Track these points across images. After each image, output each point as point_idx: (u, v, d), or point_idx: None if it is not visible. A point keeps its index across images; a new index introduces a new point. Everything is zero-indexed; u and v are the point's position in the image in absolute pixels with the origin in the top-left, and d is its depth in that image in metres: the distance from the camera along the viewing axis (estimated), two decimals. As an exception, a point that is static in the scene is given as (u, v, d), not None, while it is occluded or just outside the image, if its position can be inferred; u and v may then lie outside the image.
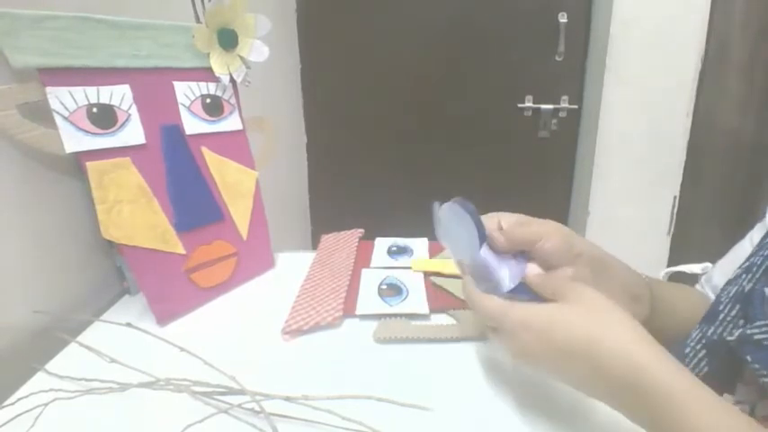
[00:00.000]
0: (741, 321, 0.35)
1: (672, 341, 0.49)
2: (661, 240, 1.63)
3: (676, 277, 0.53)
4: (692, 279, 0.52)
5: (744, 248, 0.46)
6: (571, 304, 0.34)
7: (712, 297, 0.47)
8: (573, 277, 0.42)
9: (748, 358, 0.32)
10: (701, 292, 0.49)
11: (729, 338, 0.34)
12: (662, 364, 0.29)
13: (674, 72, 1.47)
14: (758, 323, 0.32)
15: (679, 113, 1.51)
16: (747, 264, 0.38)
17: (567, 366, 0.33)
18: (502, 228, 0.41)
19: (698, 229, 1.65)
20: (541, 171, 1.67)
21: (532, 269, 0.39)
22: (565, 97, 1.58)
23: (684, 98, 1.49)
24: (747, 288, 0.36)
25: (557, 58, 1.54)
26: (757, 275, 0.36)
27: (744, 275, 0.37)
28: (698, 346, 0.38)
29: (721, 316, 0.37)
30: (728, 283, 0.39)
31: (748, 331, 0.33)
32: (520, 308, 0.35)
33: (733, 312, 0.36)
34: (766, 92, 1.52)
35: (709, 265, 0.51)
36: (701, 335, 0.38)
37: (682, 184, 1.59)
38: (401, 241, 0.75)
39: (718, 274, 0.48)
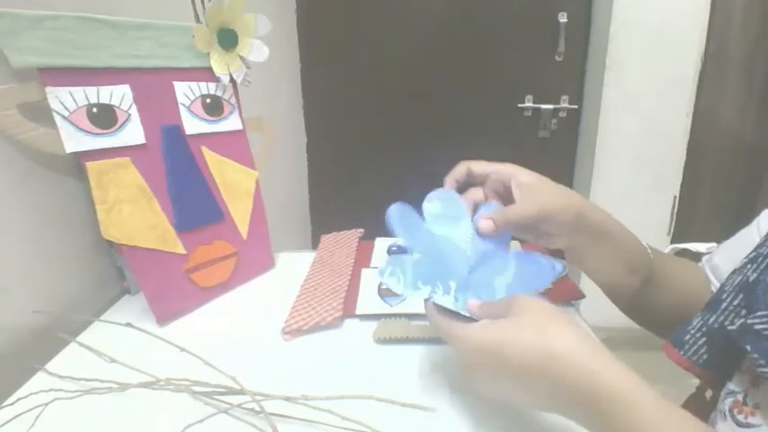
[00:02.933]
0: (743, 311, 0.35)
1: (665, 312, 0.48)
2: (661, 240, 1.63)
3: (681, 255, 0.53)
4: (696, 257, 0.52)
5: (750, 234, 0.45)
6: (516, 317, 0.33)
7: (710, 276, 0.47)
8: (568, 244, 0.43)
9: (748, 348, 0.32)
10: (701, 270, 0.50)
11: (731, 327, 0.34)
12: (619, 374, 0.29)
13: (673, 72, 1.47)
14: (760, 313, 0.32)
15: (679, 113, 1.51)
16: (754, 254, 0.38)
17: (525, 385, 0.32)
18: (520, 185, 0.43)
19: (698, 229, 1.65)
20: (541, 171, 1.65)
21: (472, 305, 0.38)
22: (565, 97, 1.58)
23: (684, 98, 1.49)
24: (752, 278, 0.36)
25: (557, 58, 1.54)
26: (762, 266, 0.36)
27: (749, 265, 0.37)
28: (698, 334, 0.38)
29: (724, 305, 0.37)
30: (734, 272, 0.39)
31: (749, 321, 0.33)
32: (471, 333, 0.34)
33: (736, 302, 0.36)
34: (766, 92, 1.52)
35: (714, 244, 0.51)
36: (702, 323, 0.38)
37: (682, 184, 1.59)
38: (401, 241, 0.74)
39: (719, 255, 0.48)
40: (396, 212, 0.43)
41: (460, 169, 0.46)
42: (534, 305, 0.33)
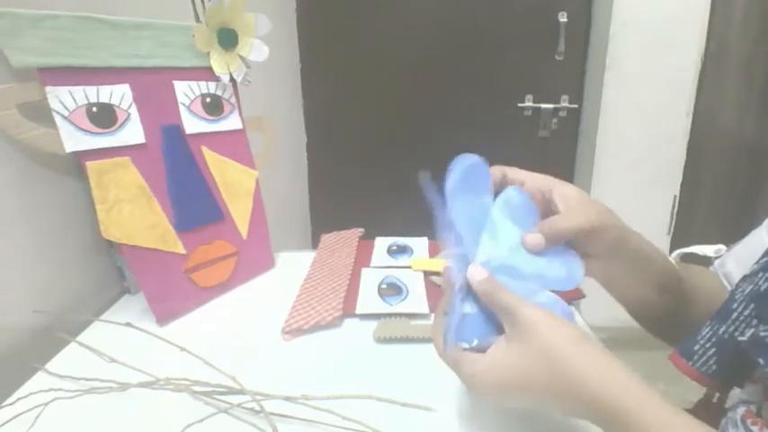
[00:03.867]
0: (754, 321, 0.35)
1: (694, 325, 0.47)
2: (661, 240, 1.63)
3: (687, 258, 0.52)
4: (703, 260, 0.50)
5: (760, 236, 0.44)
6: (527, 346, 0.31)
7: (725, 283, 0.46)
8: (603, 270, 0.40)
9: (760, 361, 0.31)
10: (716, 277, 0.48)
11: (741, 338, 0.34)
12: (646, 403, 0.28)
13: (673, 72, 1.47)
14: None
15: (679, 113, 1.51)
16: (765, 260, 0.37)
17: (545, 403, 0.32)
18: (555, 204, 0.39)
19: (698, 229, 1.65)
20: (541, 171, 1.65)
21: (475, 271, 0.35)
22: (565, 97, 1.58)
23: (684, 98, 1.49)
24: (764, 287, 0.35)
25: (557, 58, 1.53)
26: None
27: (761, 273, 0.36)
28: (707, 344, 0.37)
29: (734, 315, 0.36)
30: (744, 279, 0.38)
31: (761, 333, 0.32)
32: (479, 370, 0.33)
33: (746, 311, 0.35)
34: (766, 92, 1.52)
35: (722, 247, 0.49)
36: (711, 332, 0.37)
37: (682, 184, 1.59)
38: (401, 241, 0.75)
39: (732, 261, 0.46)
40: (466, 164, 0.39)
41: (495, 173, 0.43)
42: (540, 330, 0.31)
